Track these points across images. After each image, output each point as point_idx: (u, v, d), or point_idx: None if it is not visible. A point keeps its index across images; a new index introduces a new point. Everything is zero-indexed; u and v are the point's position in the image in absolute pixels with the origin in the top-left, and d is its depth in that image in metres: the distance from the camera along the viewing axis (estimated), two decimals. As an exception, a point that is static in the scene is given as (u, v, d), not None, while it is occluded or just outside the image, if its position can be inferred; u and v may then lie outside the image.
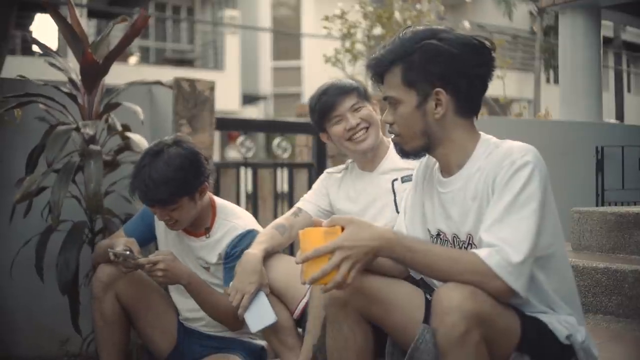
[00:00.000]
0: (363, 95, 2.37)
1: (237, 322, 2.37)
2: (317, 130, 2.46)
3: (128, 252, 2.31)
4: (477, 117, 1.72)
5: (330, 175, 2.51)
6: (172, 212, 2.37)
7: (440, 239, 1.74)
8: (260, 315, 2.19)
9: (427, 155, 1.78)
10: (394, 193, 2.31)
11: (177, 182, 2.31)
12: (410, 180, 2.19)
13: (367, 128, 2.33)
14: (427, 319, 1.60)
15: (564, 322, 1.62)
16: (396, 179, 2.32)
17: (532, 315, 1.61)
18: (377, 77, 1.73)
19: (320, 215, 2.47)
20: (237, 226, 2.50)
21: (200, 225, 2.52)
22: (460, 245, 1.67)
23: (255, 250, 2.27)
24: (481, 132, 1.74)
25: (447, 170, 1.72)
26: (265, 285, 2.23)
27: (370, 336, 1.76)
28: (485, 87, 1.68)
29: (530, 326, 1.57)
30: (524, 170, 1.56)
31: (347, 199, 2.42)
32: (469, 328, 1.44)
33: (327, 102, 2.33)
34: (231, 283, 2.23)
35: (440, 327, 1.46)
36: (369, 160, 2.38)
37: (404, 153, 1.74)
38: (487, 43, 1.66)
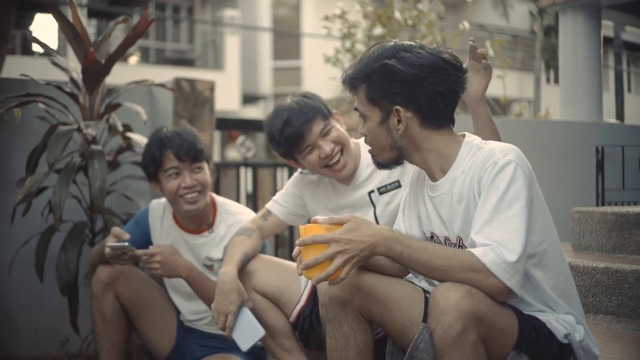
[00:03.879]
0: (326, 114, 2.23)
1: None
2: (281, 156, 2.31)
3: (127, 244, 2.34)
4: (453, 124, 1.73)
5: (304, 177, 2.40)
6: (198, 175, 2.46)
7: (434, 241, 1.75)
8: (247, 332, 2.18)
9: None
10: (373, 205, 2.26)
11: (199, 140, 2.51)
12: (387, 191, 2.24)
13: (341, 150, 2.22)
14: (426, 318, 1.59)
15: (563, 321, 1.62)
16: (372, 191, 2.25)
17: (530, 314, 1.61)
18: (352, 91, 1.76)
19: (291, 218, 2.42)
20: (240, 219, 2.51)
21: (202, 221, 2.54)
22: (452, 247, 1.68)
23: (228, 268, 2.21)
24: (466, 133, 1.75)
25: (432, 175, 1.74)
26: (247, 300, 2.20)
27: (371, 335, 1.76)
28: (450, 101, 1.68)
29: (528, 325, 1.58)
30: (507, 169, 1.57)
31: (327, 211, 2.35)
32: (466, 327, 1.45)
33: (293, 133, 2.17)
34: (212, 305, 2.21)
35: (437, 327, 1.47)
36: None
37: (379, 164, 1.78)
38: (450, 59, 1.67)
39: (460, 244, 1.66)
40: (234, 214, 2.56)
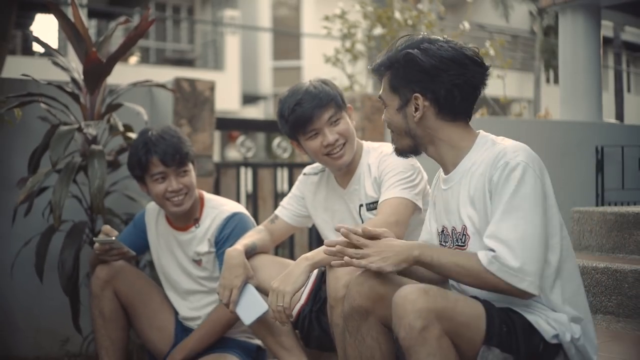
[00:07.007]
0: (340, 105, 2.25)
1: (233, 320, 2.44)
2: (286, 136, 2.34)
3: (113, 239, 2.38)
4: (469, 119, 1.78)
5: (307, 178, 2.46)
6: (184, 178, 2.49)
7: (444, 234, 1.80)
8: (251, 307, 2.19)
9: None
10: (362, 220, 2.28)
11: (184, 142, 2.52)
12: (372, 209, 2.25)
13: (344, 144, 2.24)
14: None
15: (553, 321, 1.62)
16: (362, 205, 2.28)
17: (504, 307, 1.62)
18: (379, 79, 1.84)
19: (297, 220, 2.47)
20: (223, 211, 2.58)
21: (189, 218, 2.60)
22: (458, 237, 1.73)
23: (236, 246, 2.27)
24: (481, 131, 1.79)
25: (445, 168, 1.80)
26: (252, 277, 2.22)
27: (393, 342, 1.74)
28: (467, 95, 1.73)
29: (499, 319, 1.59)
30: (517, 170, 1.60)
31: (324, 210, 2.40)
32: (426, 324, 1.49)
33: (303, 114, 2.18)
34: (218, 283, 2.23)
35: (400, 330, 1.51)
36: (343, 174, 2.33)
37: (397, 150, 1.85)
38: (472, 55, 1.72)
39: (465, 232, 1.71)
40: (218, 207, 2.62)
